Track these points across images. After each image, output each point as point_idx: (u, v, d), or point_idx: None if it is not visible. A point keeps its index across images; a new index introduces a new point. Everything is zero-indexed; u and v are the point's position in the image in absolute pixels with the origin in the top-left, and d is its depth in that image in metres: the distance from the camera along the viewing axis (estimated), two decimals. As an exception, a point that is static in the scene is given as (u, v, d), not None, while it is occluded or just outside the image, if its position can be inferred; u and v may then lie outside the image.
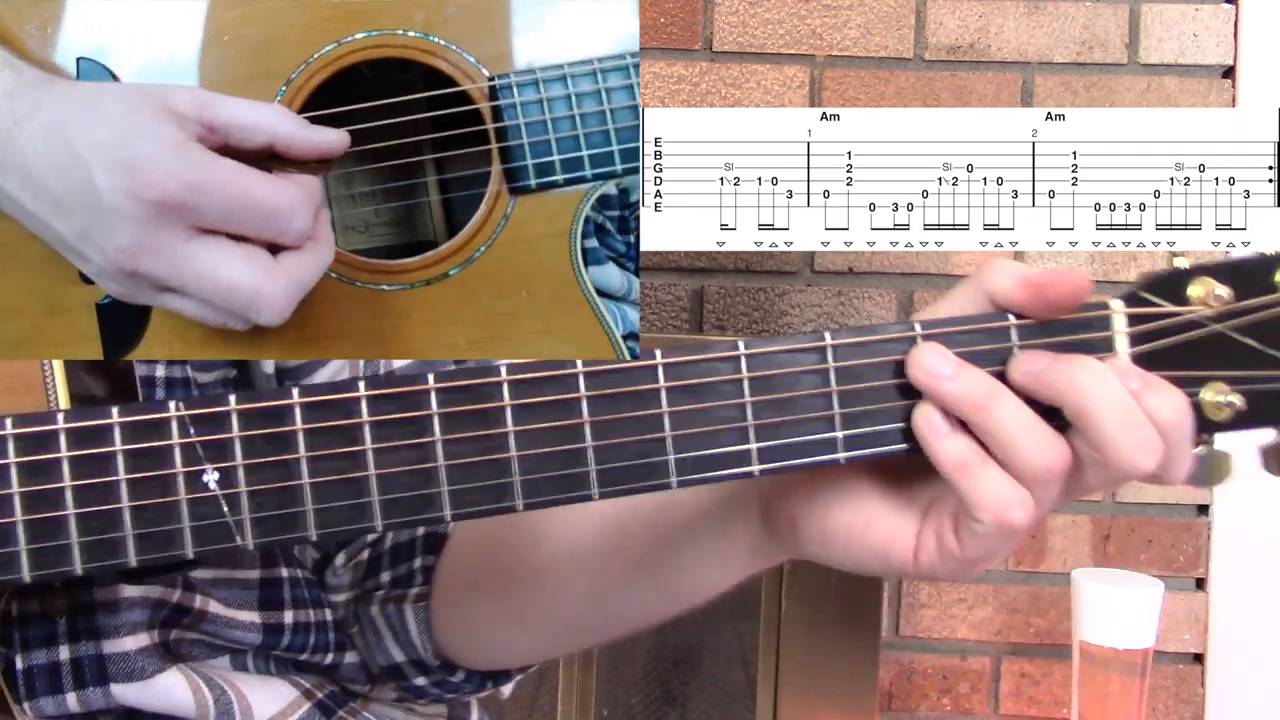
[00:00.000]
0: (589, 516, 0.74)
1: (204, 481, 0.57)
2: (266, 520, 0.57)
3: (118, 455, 0.56)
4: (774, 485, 0.65)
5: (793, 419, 0.59)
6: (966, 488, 0.58)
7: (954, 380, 0.58)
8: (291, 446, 0.57)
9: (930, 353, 0.59)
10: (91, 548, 0.56)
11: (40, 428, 0.56)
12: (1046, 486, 0.58)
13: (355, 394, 0.57)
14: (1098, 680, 1.42)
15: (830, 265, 1.63)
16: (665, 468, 0.58)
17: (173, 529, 0.56)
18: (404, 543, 0.80)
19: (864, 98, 1.62)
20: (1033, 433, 0.58)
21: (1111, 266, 1.62)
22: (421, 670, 0.81)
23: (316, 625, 0.79)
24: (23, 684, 0.67)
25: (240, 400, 0.57)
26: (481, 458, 0.57)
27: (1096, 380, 0.57)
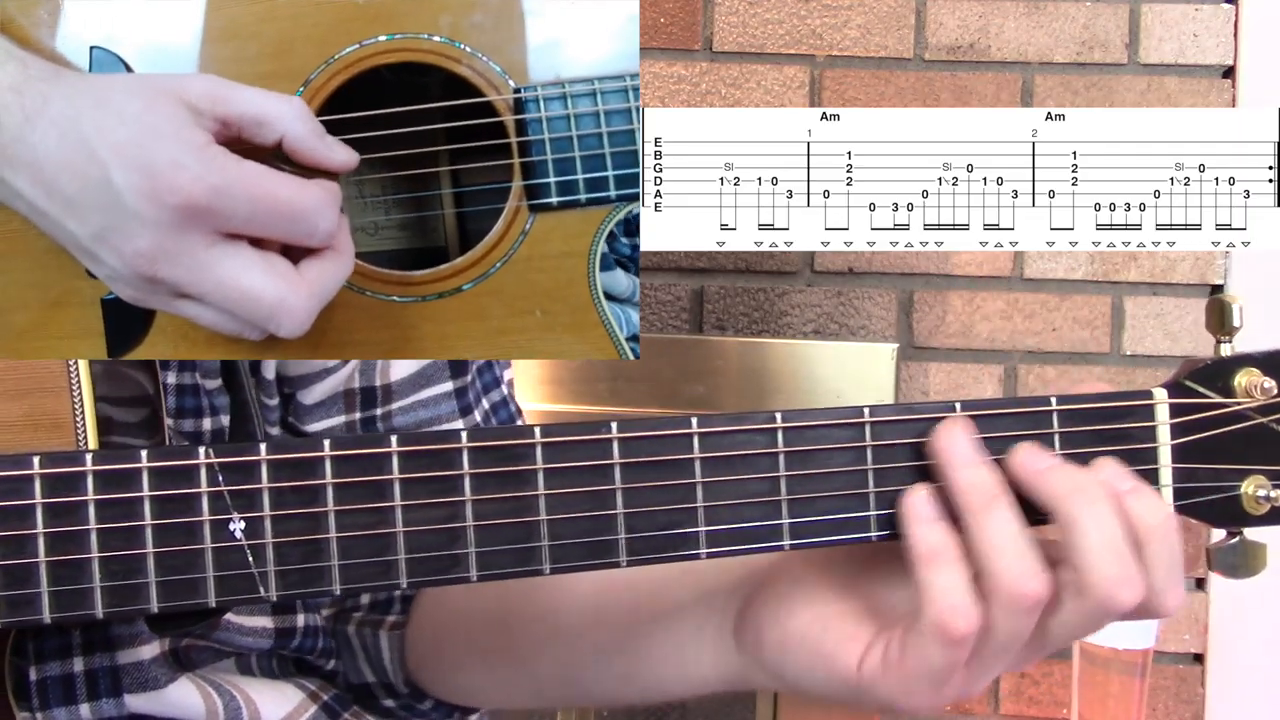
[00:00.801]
0: (570, 594, 0.73)
1: (230, 530, 0.56)
2: (290, 573, 0.56)
3: (145, 500, 0.55)
4: (754, 586, 0.64)
5: (826, 495, 0.59)
6: (924, 577, 0.56)
7: (965, 469, 0.57)
8: (320, 500, 0.56)
9: (954, 431, 0.58)
10: (114, 592, 0.55)
11: (68, 468, 0.55)
12: (1011, 613, 0.56)
13: (387, 449, 0.56)
14: (1098, 680, 1.42)
15: (830, 265, 1.63)
16: (696, 539, 0.58)
17: (196, 577, 0.56)
18: None
19: (864, 98, 1.62)
20: (1020, 552, 0.56)
21: (1111, 266, 1.62)
22: (390, 694, 0.81)
23: (324, 630, 0.79)
24: (36, 695, 0.67)
25: (271, 450, 0.56)
26: (511, 520, 0.57)
27: (1093, 498, 0.56)
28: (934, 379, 1.64)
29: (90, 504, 0.55)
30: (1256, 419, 0.60)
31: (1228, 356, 0.61)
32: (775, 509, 0.58)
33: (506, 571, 0.57)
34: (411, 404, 0.79)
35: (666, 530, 0.58)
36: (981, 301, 1.63)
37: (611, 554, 0.58)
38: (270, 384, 0.76)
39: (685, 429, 0.58)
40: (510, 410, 0.85)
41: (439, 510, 0.57)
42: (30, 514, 0.55)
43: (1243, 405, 0.60)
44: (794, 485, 0.59)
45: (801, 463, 0.59)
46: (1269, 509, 0.60)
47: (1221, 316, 0.61)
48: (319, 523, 0.56)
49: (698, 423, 0.58)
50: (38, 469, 0.55)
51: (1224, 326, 0.61)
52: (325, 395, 0.78)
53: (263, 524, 0.56)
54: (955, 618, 0.55)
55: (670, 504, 0.58)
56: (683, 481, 0.58)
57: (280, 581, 0.56)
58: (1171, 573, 0.58)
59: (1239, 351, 0.61)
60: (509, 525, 0.57)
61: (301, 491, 0.56)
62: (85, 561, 0.55)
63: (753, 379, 1.56)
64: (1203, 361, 0.61)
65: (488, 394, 0.83)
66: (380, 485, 0.56)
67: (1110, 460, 0.59)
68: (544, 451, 0.57)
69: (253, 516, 0.56)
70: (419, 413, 0.79)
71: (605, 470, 0.57)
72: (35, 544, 0.55)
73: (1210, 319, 0.62)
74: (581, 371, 1.55)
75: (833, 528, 0.59)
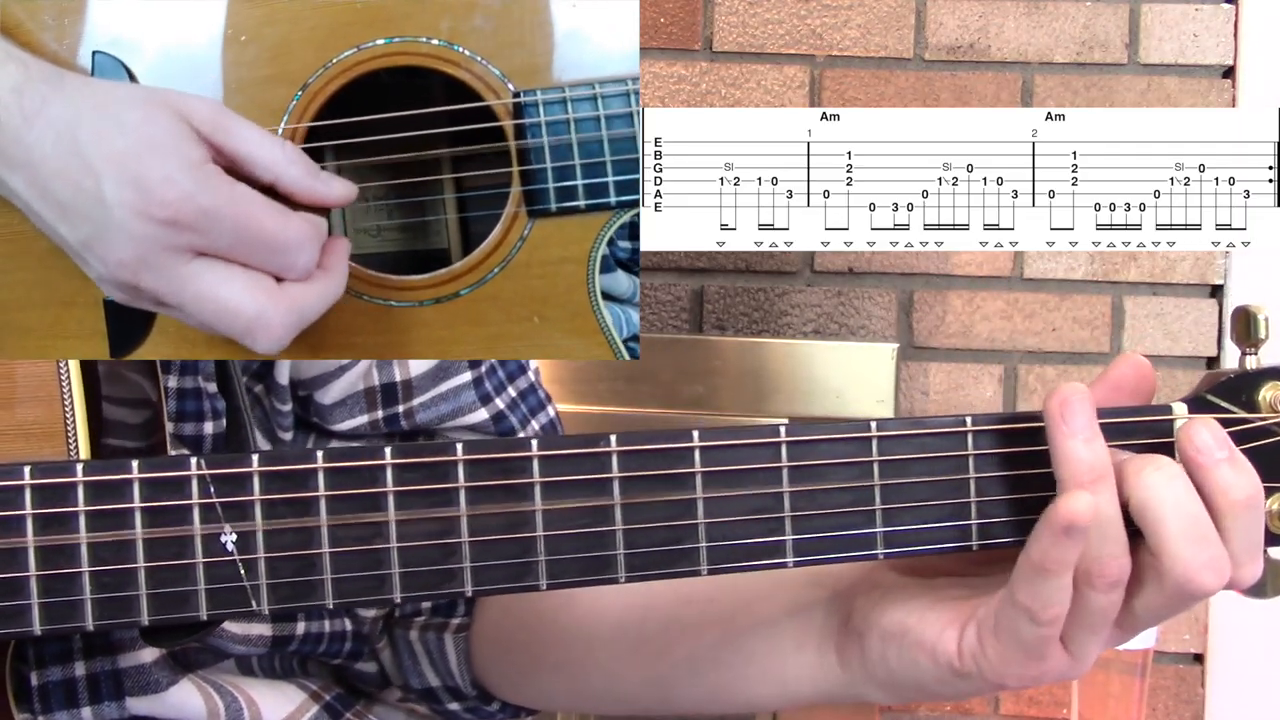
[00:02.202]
0: (648, 605, 0.72)
1: (222, 543, 0.55)
2: (282, 586, 0.56)
3: (136, 512, 0.55)
4: (849, 600, 0.64)
5: (831, 512, 0.57)
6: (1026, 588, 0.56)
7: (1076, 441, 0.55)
8: (313, 512, 0.56)
9: (1071, 401, 0.56)
10: (104, 604, 0.55)
11: (58, 479, 0.55)
12: (1093, 591, 0.55)
13: (381, 461, 0.56)
14: (1098, 680, 1.42)
15: (830, 265, 1.63)
16: (696, 555, 0.57)
17: (188, 590, 0.55)
18: None
19: (864, 98, 1.62)
20: (1111, 533, 0.55)
21: (1111, 266, 1.62)
22: (456, 697, 0.81)
23: (331, 635, 0.79)
24: (38, 699, 0.67)
25: (263, 461, 0.55)
26: (507, 535, 0.56)
27: (1167, 482, 0.55)
28: (934, 379, 1.64)
29: (81, 515, 0.55)
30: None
31: (1253, 370, 0.59)
32: (778, 525, 0.57)
33: (502, 587, 0.56)
34: (433, 398, 0.79)
35: (666, 546, 0.57)
36: (981, 301, 1.63)
37: (610, 570, 0.57)
38: (284, 389, 0.76)
39: (686, 442, 0.57)
40: (540, 396, 0.84)
41: (433, 524, 0.56)
42: (21, 525, 0.54)
43: (1268, 420, 0.58)
44: (798, 501, 0.57)
45: (806, 478, 0.57)
46: None
47: (1247, 327, 0.59)
48: (311, 536, 0.55)
49: (699, 436, 0.57)
50: (28, 479, 0.55)
51: (1250, 338, 0.59)
52: (344, 394, 0.77)
53: (254, 537, 0.55)
54: (1049, 603, 0.55)
55: (670, 519, 0.57)
56: (683, 496, 0.57)
57: (272, 595, 0.55)
58: (1253, 548, 0.57)
59: (1265, 365, 0.59)
60: (505, 540, 0.56)
61: (294, 504, 0.55)
62: (76, 574, 0.55)
63: (753, 379, 1.56)
64: (1226, 375, 0.59)
65: (513, 382, 0.83)
66: (374, 498, 0.56)
67: (1203, 426, 0.56)
68: (541, 465, 0.56)
69: (245, 529, 0.55)
70: (440, 406, 0.79)
71: (604, 484, 0.56)
72: (26, 555, 0.54)
73: (1235, 330, 0.60)
74: (581, 372, 1.55)
75: (838, 544, 0.58)
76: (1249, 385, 0.59)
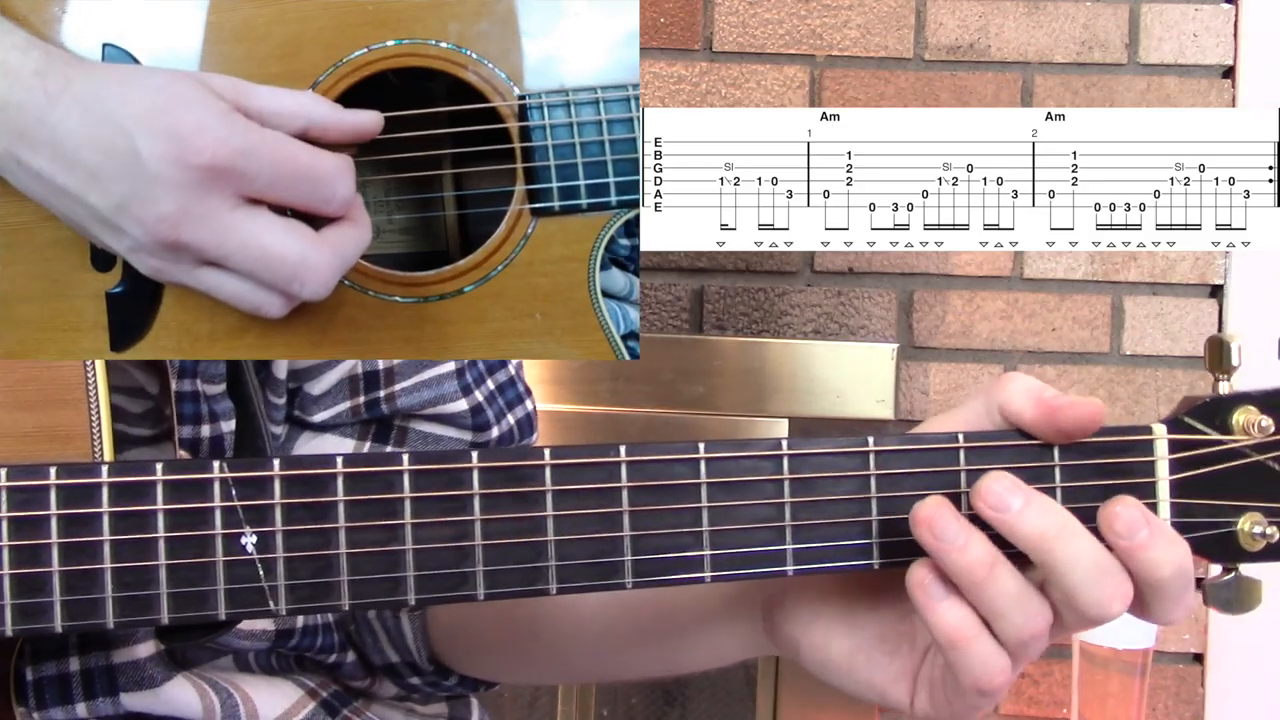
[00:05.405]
0: (594, 596, 0.75)
1: (242, 544, 0.56)
2: (300, 588, 0.57)
3: (158, 513, 0.56)
4: (780, 601, 0.66)
5: (829, 522, 0.60)
6: (953, 658, 0.58)
7: (955, 554, 0.57)
8: (331, 516, 0.57)
9: (934, 516, 0.57)
10: (125, 603, 0.56)
11: (84, 480, 0.56)
12: (1028, 647, 0.58)
13: (399, 467, 0.57)
14: (1098, 680, 1.42)
15: (830, 265, 1.63)
16: (700, 562, 0.59)
17: (207, 590, 0.56)
18: None
19: (864, 98, 1.62)
20: (1023, 603, 0.57)
21: (1111, 266, 1.62)
22: (415, 672, 0.83)
23: (324, 627, 0.80)
24: (33, 695, 0.67)
25: (284, 465, 0.57)
26: (519, 540, 0.58)
27: (1067, 537, 0.57)
28: (934, 379, 1.64)
29: (105, 515, 0.56)
30: (1253, 456, 0.61)
31: (1226, 395, 0.62)
32: (779, 534, 0.59)
33: (513, 590, 0.58)
34: (414, 385, 0.79)
35: (671, 553, 0.59)
36: (981, 301, 1.63)
37: (617, 575, 0.59)
38: (280, 383, 0.76)
39: (692, 454, 0.59)
40: (519, 389, 0.85)
41: (448, 529, 0.58)
42: (45, 524, 0.55)
43: (1240, 443, 0.61)
44: (798, 512, 0.59)
45: (806, 490, 0.60)
46: (1265, 545, 0.62)
47: (1220, 355, 0.62)
48: (330, 539, 0.57)
49: (705, 448, 0.59)
50: (54, 479, 0.55)
51: (1222, 365, 0.62)
52: (332, 383, 0.78)
53: (274, 538, 0.57)
54: (991, 677, 0.58)
55: (676, 527, 0.59)
56: (689, 506, 0.59)
57: (290, 596, 0.57)
58: (1177, 606, 0.59)
59: (1237, 390, 0.62)
60: (517, 545, 0.58)
61: (313, 507, 0.57)
62: (98, 572, 0.56)
63: (753, 379, 1.56)
64: (1202, 399, 0.62)
65: (492, 374, 0.83)
66: (391, 503, 0.57)
67: (1126, 506, 0.58)
68: (553, 473, 0.58)
69: (264, 531, 0.56)
70: (422, 393, 0.79)
71: (613, 493, 0.58)
72: (50, 554, 0.55)
73: (1209, 357, 0.62)
74: (582, 372, 1.55)
75: (836, 555, 0.60)
76: (1224, 409, 0.61)
